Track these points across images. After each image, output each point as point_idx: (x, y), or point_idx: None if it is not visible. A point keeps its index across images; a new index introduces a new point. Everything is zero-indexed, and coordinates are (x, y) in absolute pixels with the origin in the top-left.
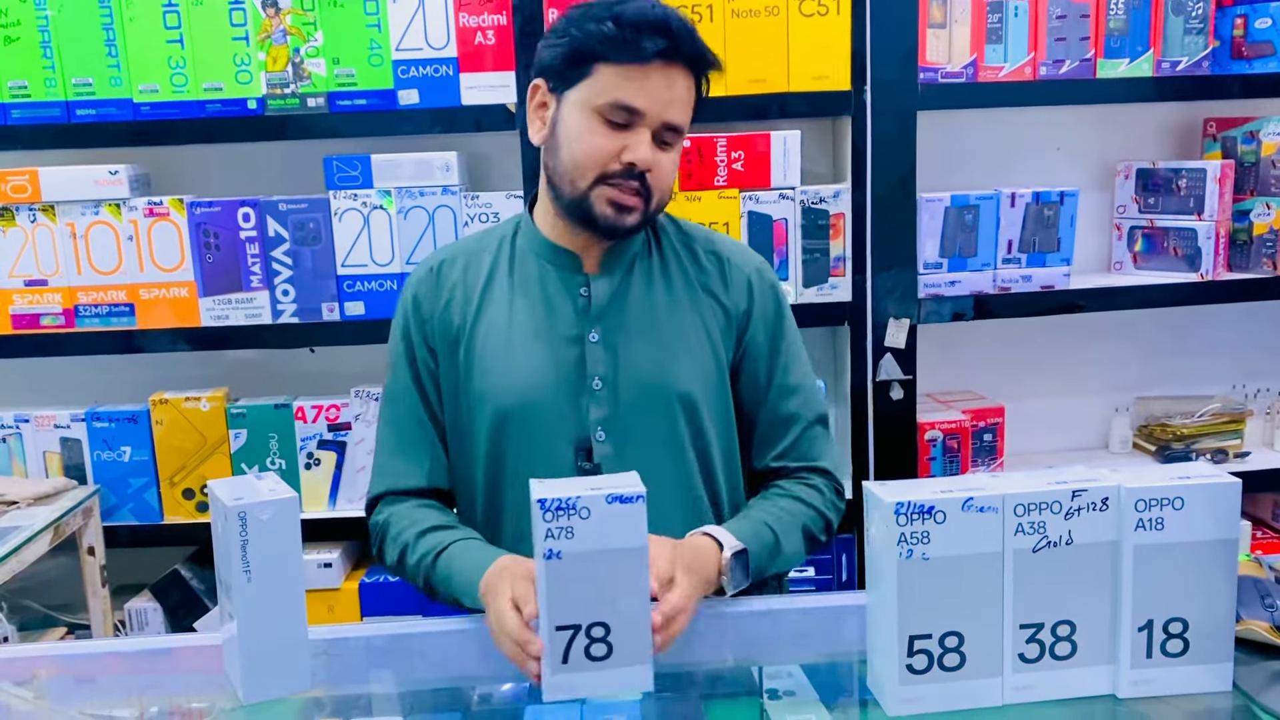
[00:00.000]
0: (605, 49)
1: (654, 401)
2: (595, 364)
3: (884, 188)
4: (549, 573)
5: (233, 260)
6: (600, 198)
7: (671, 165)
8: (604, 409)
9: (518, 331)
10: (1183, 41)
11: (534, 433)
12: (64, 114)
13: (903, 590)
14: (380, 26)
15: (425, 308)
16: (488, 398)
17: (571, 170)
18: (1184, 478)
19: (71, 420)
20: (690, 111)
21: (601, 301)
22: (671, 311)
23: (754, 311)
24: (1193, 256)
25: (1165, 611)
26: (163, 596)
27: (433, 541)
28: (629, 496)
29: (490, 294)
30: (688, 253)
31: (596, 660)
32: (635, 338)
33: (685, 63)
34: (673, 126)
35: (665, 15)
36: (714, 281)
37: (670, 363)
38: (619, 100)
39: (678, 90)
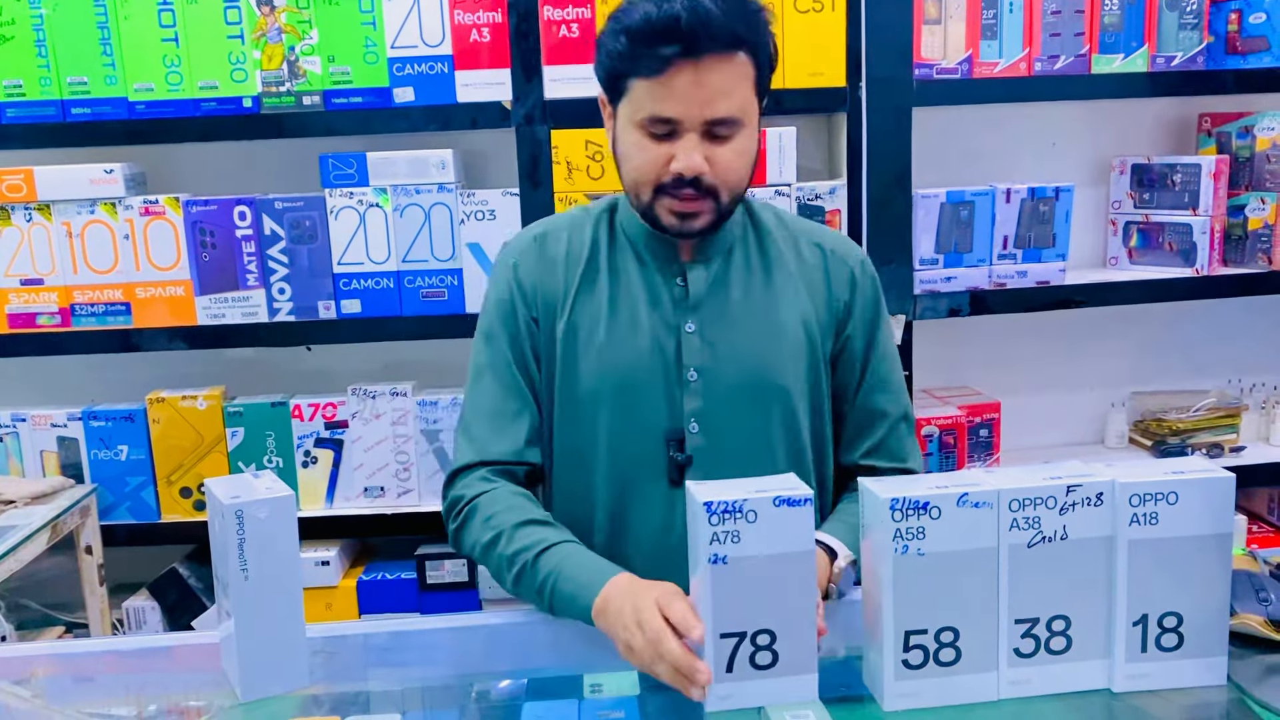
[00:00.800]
0: (625, 65)
1: (749, 395)
2: (691, 355)
3: (880, 184)
4: (715, 578)
5: (229, 259)
6: (663, 209)
7: (735, 156)
8: (698, 400)
9: (616, 317)
10: (1177, 36)
11: (626, 421)
12: (59, 113)
13: (898, 586)
14: (375, 24)
15: (527, 278)
16: (580, 382)
17: (631, 186)
18: (1178, 473)
19: (68, 419)
20: (745, 94)
21: (699, 292)
22: (770, 303)
23: (855, 305)
24: (1188, 251)
25: (1160, 606)
26: (160, 595)
27: (535, 536)
28: (796, 500)
29: (592, 274)
30: (789, 244)
31: (762, 669)
32: (732, 329)
33: (714, 52)
34: (720, 121)
35: (673, 14)
36: (816, 273)
37: (767, 356)
38: (653, 114)
39: (714, 83)
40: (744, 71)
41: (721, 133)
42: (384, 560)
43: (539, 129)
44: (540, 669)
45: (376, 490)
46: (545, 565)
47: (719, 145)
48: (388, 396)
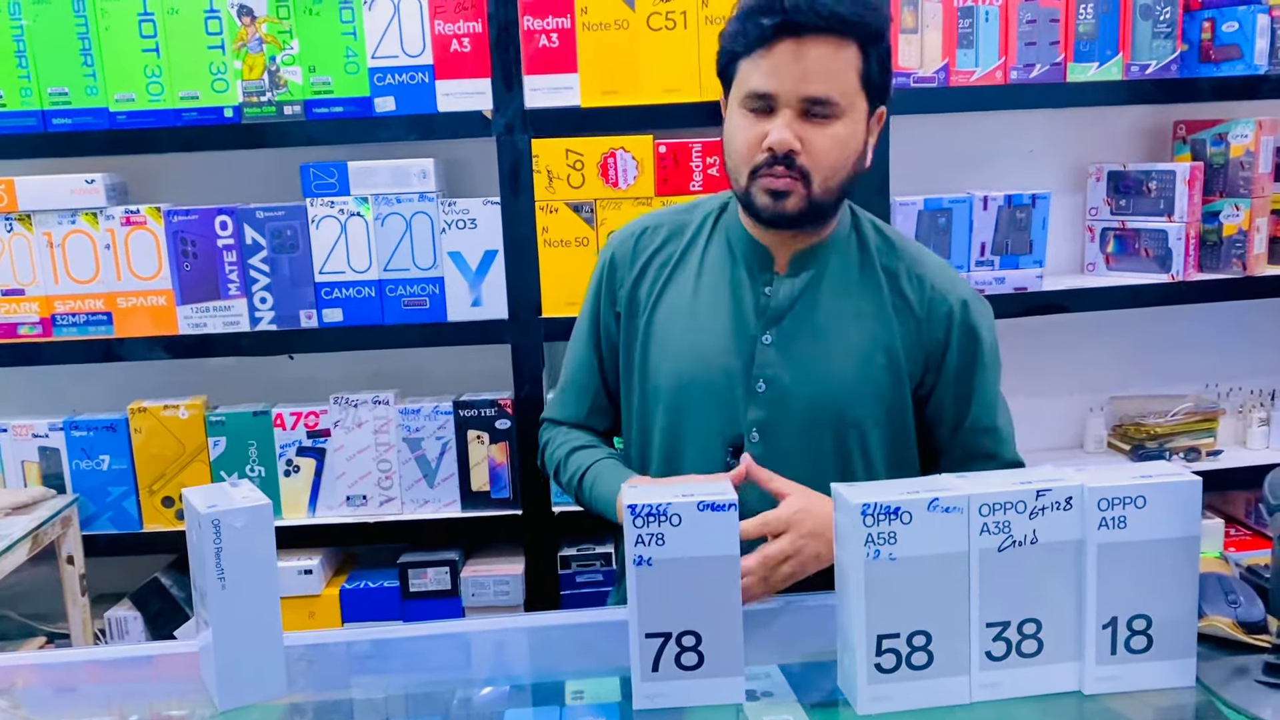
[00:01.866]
0: (734, 43)
1: (814, 413)
2: (763, 365)
3: (858, 191)
4: (639, 579)
5: (210, 268)
6: (758, 190)
7: (830, 141)
8: (762, 412)
9: (698, 317)
10: (1151, 45)
11: (690, 420)
12: (40, 123)
13: (870, 590)
14: (356, 34)
15: (620, 271)
16: (652, 375)
17: (733, 170)
18: (1145, 477)
19: (50, 429)
20: (848, 80)
21: (781, 304)
22: (855, 325)
23: (951, 345)
24: (1164, 257)
25: (1129, 608)
26: (143, 605)
27: (578, 462)
28: (720, 505)
29: (681, 271)
30: (889, 268)
31: (687, 669)
32: (809, 346)
33: (815, 31)
34: (816, 99)
35: None
36: (912, 305)
37: (839, 379)
38: (751, 89)
39: (814, 62)
40: (848, 59)
41: (818, 114)
42: (366, 569)
43: (520, 138)
44: (522, 676)
45: (359, 499)
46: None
47: (815, 127)
48: (370, 405)
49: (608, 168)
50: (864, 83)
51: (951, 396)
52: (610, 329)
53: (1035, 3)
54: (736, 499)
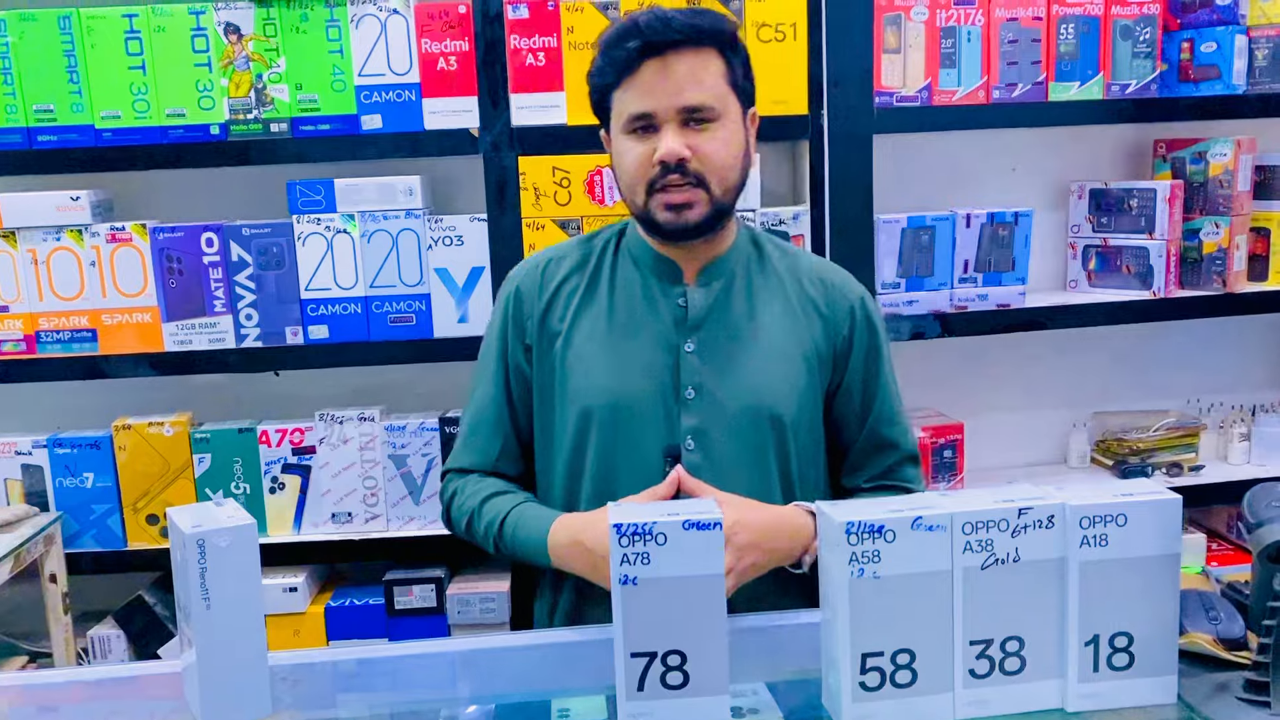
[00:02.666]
0: (605, 77)
1: (744, 416)
2: (690, 373)
3: (842, 209)
4: (625, 598)
5: (196, 285)
6: (657, 206)
7: (717, 145)
8: (695, 419)
9: (616, 335)
10: (1131, 65)
11: (623, 435)
12: (25, 140)
13: (854, 608)
14: (343, 53)
15: (527, 304)
16: (580, 397)
17: (628, 193)
18: (1127, 495)
19: (33, 446)
20: (718, 87)
21: (699, 312)
22: (770, 330)
23: (855, 339)
24: (1145, 274)
25: (1111, 626)
26: (126, 623)
27: (494, 509)
28: (706, 523)
29: (592, 295)
30: (791, 275)
31: (673, 689)
32: (730, 352)
33: (675, 47)
34: (693, 108)
35: (635, 20)
36: (818, 306)
37: (763, 380)
38: (630, 113)
39: (682, 75)
40: (713, 66)
41: (698, 121)
42: (352, 586)
43: (506, 155)
44: (508, 694)
45: (344, 516)
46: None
47: (698, 134)
48: (355, 422)
49: (594, 185)
50: (732, 86)
51: (859, 389)
52: (521, 364)
53: (1017, 23)
54: (721, 518)
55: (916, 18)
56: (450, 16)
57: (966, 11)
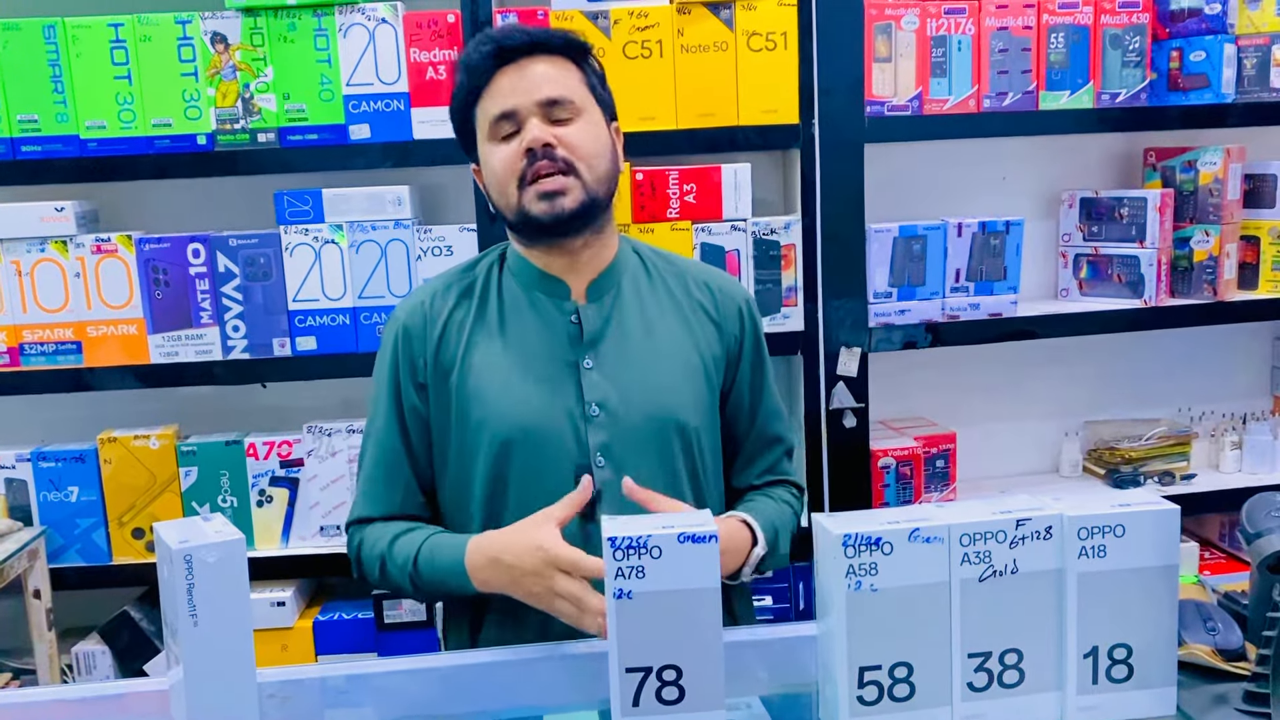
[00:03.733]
0: (464, 93)
1: (652, 427)
2: (592, 390)
3: (833, 219)
4: (619, 613)
5: (182, 296)
6: (530, 199)
7: (582, 134)
8: (602, 434)
9: (514, 359)
10: (1121, 74)
11: (535, 459)
12: (9, 151)
13: (852, 621)
14: (331, 62)
15: (416, 341)
16: (486, 426)
17: (498, 193)
18: (1124, 506)
19: (17, 460)
20: (574, 84)
21: (593, 328)
22: (665, 339)
23: (745, 340)
24: (1136, 283)
25: (1109, 638)
26: (111, 639)
27: (407, 546)
28: (701, 536)
29: (483, 322)
30: (678, 282)
31: (668, 704)
32: (630, 364)
33: (528, 53)
34: (552, 100)
35: (489, 35)
36: (707, 310)
37: (666, 389)
38: (493, 114)
39: (535, 74)
40: (569, 72)
41: (561, 115)
42: (340, 600)
43: None
44: (499, 710)
45: (333, 529)
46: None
47: (561, 126)
48: (344, 434)
49: None
50: (591, 91)
51: (748, 386)
52: (416, 405)
53: (1007, 32)
54: (716, 530)
55: (907, 27)
56: (439, 26)
57: (957, 20)
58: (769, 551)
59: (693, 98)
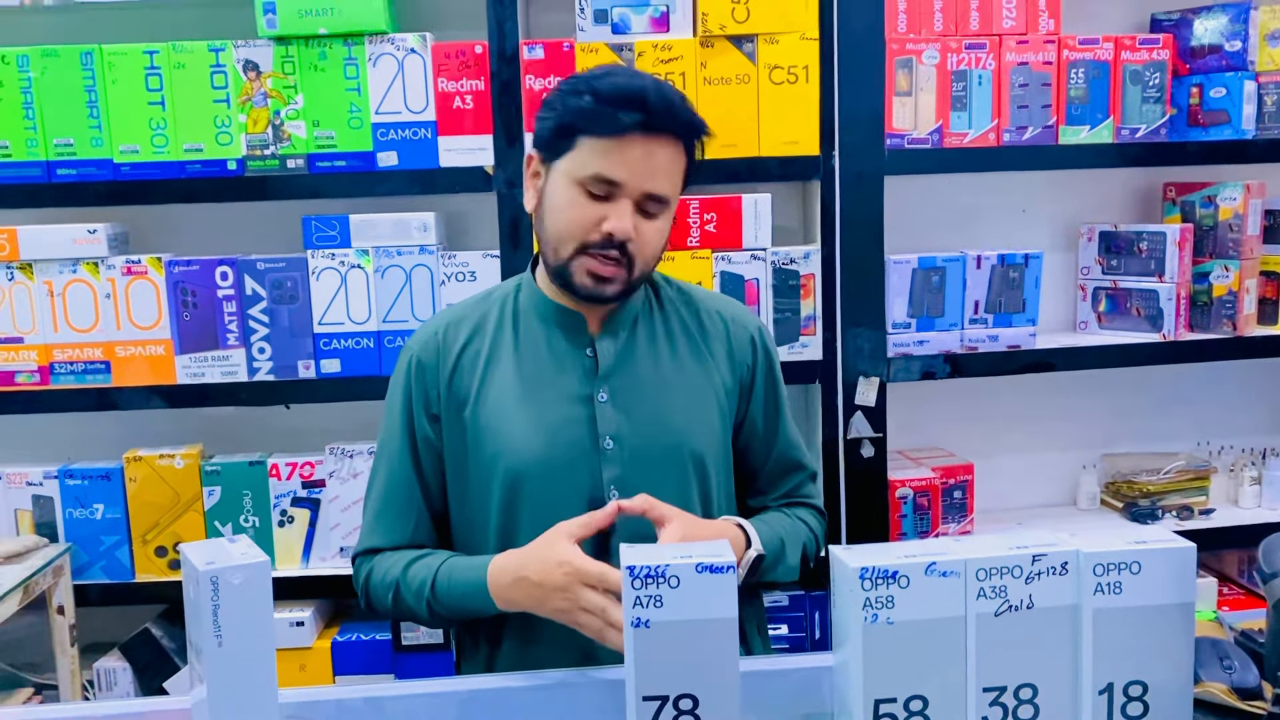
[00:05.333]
0: (585, 122)
1: (666, 460)
2: (606, 423)
3: (853, 250)
4: (637, 642)
5: (210, 318)
6: (580, 268)
7: (656, 234)
8: (616, 468)
9: (527, 392)
10: (1141, 109)
11: (548, 492)
12: (44, 173)
13: (868, 654)
14: (360, 90)
15: (429, 372)
16: (500, 459)
17: (555, 240)
18: (1140, 542)
19: (44, 477)
20: (677, 180)
21: (608, 362)
22: (678, 370)
23: (757, 369)
24: (1155, 317)
25: (1125, 674)
26: (132, 656)
27: (423, 570)
28: (719, 567)
29: (497, 355)
30: (690, 313)
31: None
32: (644, 397)
33: (667, 133)
34: (655, 196)
35: (643, 88)
36: (719, 341)
37: (680, 421)
38: (598, 173)
39: (659, 161)
40: (681, 161)
41: (651, 209)
42: (359, 621)
43: (520, 193)
44: None
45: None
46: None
47: (646, 220)
48: (365, 456)
49: None
50: (683, 182)
51: (762, 415)
52: (429, 436)
53: (1027, 67)
54: (734, 561)
55: (928, 61)
56: (467, 56)
57: (977, 55)
58: (772, 560)
59: (714, 129)
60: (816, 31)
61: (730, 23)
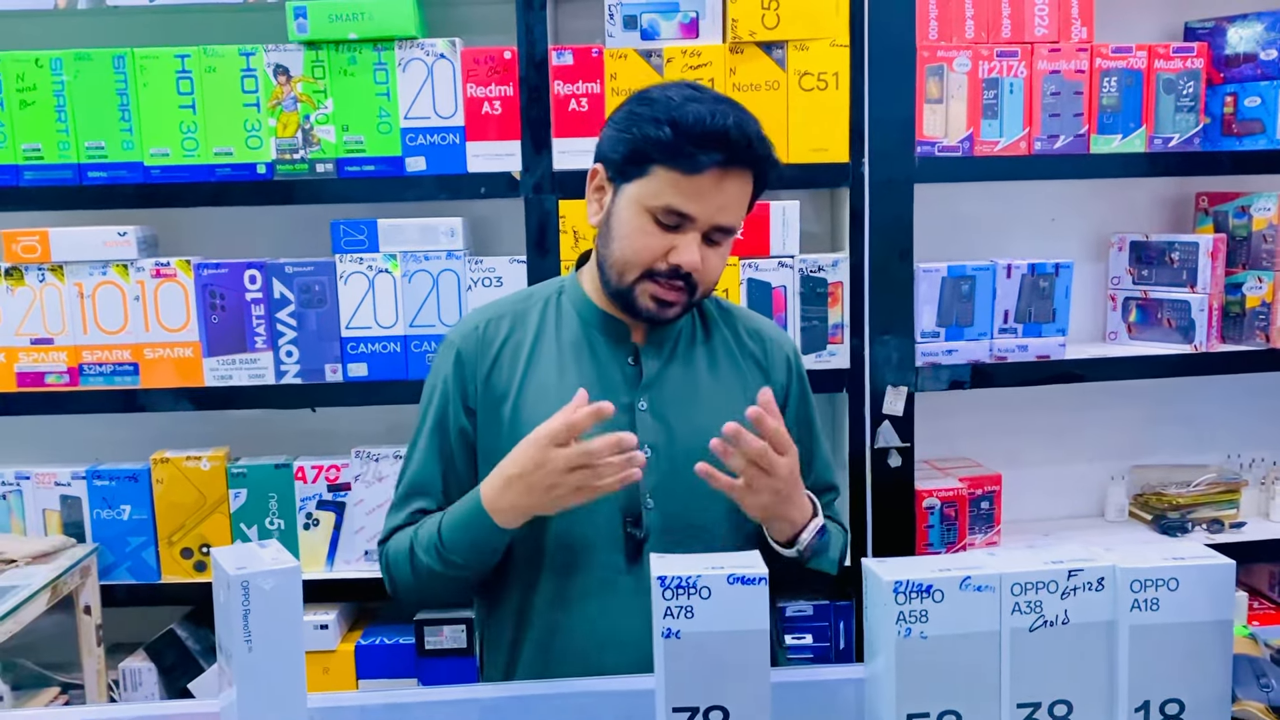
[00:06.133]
0: (663, 155)
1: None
2: (646, 432)
3: (882, 257)
4: (667, 652)
5: (238, 321)
6: (644, 293)
7: (719, 260)
8: (653, 477)
9: (567, 394)
10: (1174, 119)
11: None
12: (76, 176)
13: (901, 668)
14: (389, 95)
15: (469, 366)
16: None
17: (620, 264)
18: (1178, 558)
19: (72, 478)
20: (744, 210)
21: (651, 372)
22: (717, 384)
23: (791, 388)
24: (1186, 328)
25: (1162, 692)
26: (157, 656)
27: (429, 524)
28: (751, 578)
29: (538, 354)
30: (729, 330)
31: None
32: (684, 408)
33: (742, 167)
34: (723, 228)
35: (725, 126)
36: (757, 358)
37: (717, 433)
38: (672, 205)
39: (731, 194)
40: (749, 191)
41: (717, 238)
42: (382, 625)
43: (547, 199)
44: None
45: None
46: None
47: (711, 249)
48: (390, 459)
49: None
50: (746, 211)
51: (796, 434)
52: (465, 428)
53: (1060, 75)
54: (766, 573)
55: (959, 69)
56: (496, 62)
57: (1009, 63)
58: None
59: None
60: (847, 38)
61: (760, 29)
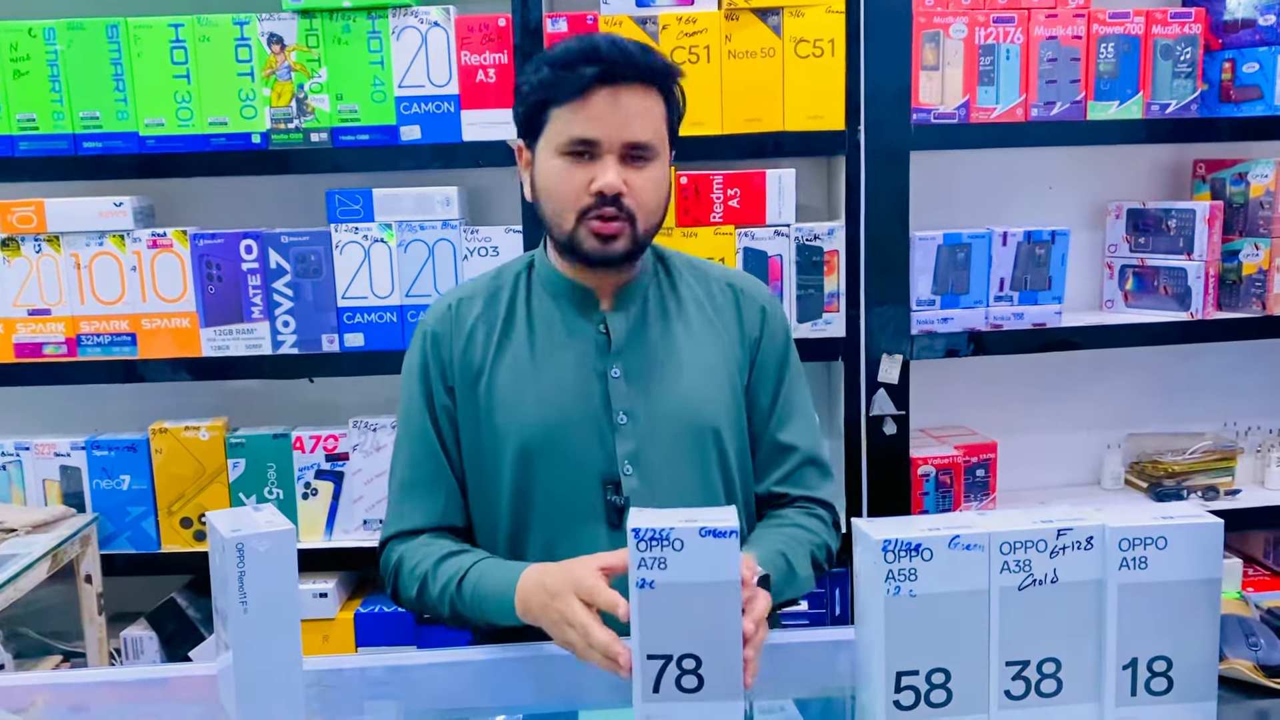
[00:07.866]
0: (549, 93)
1: (682, 434)
2: (620, 399)
3: (877, 225)
4: (641, 601)
5: (234, 291)
6: (585, 233)
7: (650, 183)
8: (631, 443)
9: (540, 367)
10: (1171, 85)
11: (561, 467)
12: (71, 146)
13: (890, 627)
14: (384, 64)
15: (444, 346)
16: (512, 434)
17: (554, 215)
18: (1167, 518)
19: (71, 448)
20: (659, 127)
21: (620, 337)
22: (691, 345)
23: (764, 340)
24: (1183, 295)
25: (1149, 650)
26: (158, 625)
27: (453, 567)
28: (722, 531)
29: (510, 330)
30: (701, 286)
31: (687, 692)
32: (657, 372)
33: (630, 81)
34: (637, 144)
35: (593, 42)
36: (729, 311)
37: (695, 396)
38: (572, 135)
39: (632, 110)
40: (656, 107)
41: (638, 158)
42: (381, 593)
43: None
44: (536, 705)
45: (375, 523)
46: (469, 591)
47: (635, 171)
48: (388, 429)
49: None
50: (668, 128)
51: (768, 388)
52: (448, 405)
53: (1056, 41)
54: (737, 526)
55: (955, 35)
56: (490, 30)
57: (1006, 29)
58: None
59: (739, 103)
60: (843, 4)
61: None
